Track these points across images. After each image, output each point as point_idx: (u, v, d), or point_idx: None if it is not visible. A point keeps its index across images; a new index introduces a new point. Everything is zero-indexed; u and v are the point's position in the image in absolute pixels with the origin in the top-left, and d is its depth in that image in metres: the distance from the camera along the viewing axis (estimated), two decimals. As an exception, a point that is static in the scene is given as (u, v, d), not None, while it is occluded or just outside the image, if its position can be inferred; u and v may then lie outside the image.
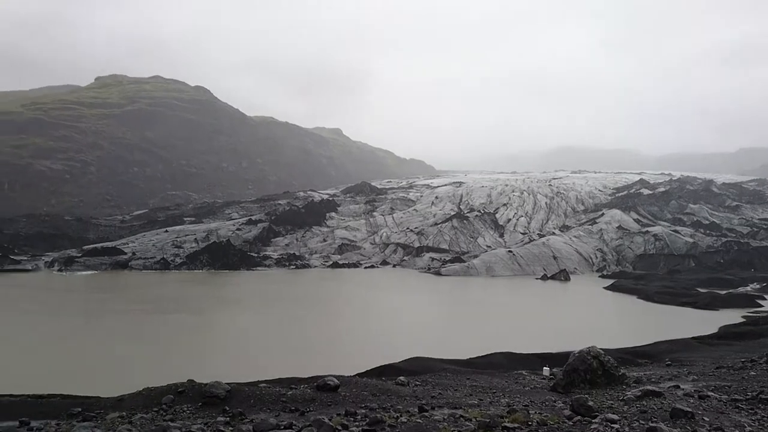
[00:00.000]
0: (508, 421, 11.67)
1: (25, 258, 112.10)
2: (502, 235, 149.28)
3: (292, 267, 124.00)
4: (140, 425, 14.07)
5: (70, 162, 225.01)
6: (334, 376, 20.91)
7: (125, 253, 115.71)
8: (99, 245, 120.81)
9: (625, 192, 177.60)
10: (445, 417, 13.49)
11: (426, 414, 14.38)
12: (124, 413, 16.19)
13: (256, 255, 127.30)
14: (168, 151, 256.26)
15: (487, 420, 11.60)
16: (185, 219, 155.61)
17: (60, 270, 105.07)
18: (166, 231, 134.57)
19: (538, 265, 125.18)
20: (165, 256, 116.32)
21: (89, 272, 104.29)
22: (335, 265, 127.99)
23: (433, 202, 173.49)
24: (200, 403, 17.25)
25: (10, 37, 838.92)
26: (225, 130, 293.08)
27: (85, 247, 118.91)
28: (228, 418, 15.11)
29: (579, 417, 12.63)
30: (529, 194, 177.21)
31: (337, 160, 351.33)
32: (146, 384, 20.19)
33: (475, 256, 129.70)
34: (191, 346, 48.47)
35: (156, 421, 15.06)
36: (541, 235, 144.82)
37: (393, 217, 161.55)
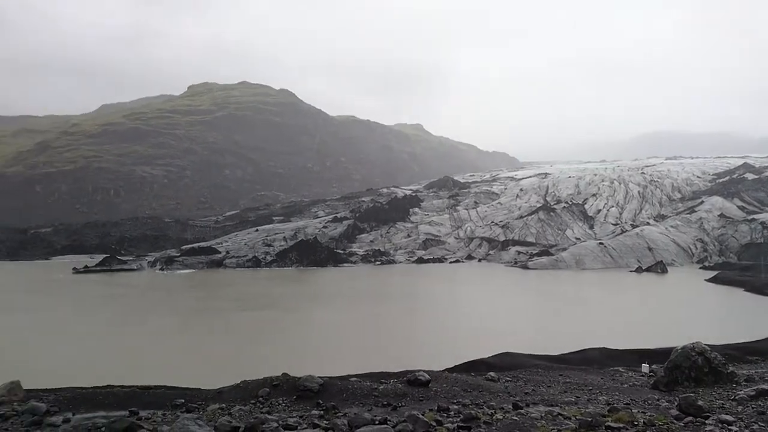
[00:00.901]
0: (612, 421, 11.05)
1: (131, 258, 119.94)
2: (591, 227, 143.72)
3: (377, 263, 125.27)
4: (239, 417, 14.55)
5: (168, 167, 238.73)
6: (425, 371, 20.81)
7: (220, 252, 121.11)
8: (196, 245, 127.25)
9: (727, 177, 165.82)
10: (542, 415, 13.02)
11: (521, 411, 13.95)
12: (224, 405, 16.85)
13: (342, 251, 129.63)
14: (256, 153, 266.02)
15: (589, 419, 11.04)
16: (274, 218, 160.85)
17: (161, 269, 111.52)
18: (257, 230, 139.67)
19: (631, 257, 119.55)
20: (256, 255, 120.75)
21: (188, 271, 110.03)
22: (420, 260, 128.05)
23: (517, 195, 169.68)
24: (294, 397, 17.66)
25: (108, 52, 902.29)
26: (309, 130, 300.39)
27: (184, 247, 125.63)
28: (322, 412, 15.35)
29: (689, 418, 11.80)
30: (620, 183, 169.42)
31: (419, 155, 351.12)
32: (243, 377, 20.92)
33: (564, 249, 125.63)
34: (284, 341, 49.95)
35: (253, 413, 15.55)
36: (634, 226, 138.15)
37: (477, 211, 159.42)
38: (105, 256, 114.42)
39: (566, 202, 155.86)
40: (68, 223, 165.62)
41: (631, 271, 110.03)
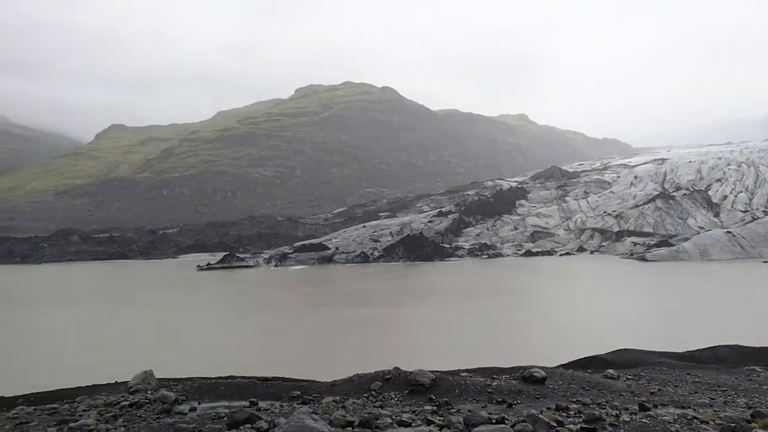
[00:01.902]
0: (759, 427, 9.92)
1: (248, 255, 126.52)
2: (717, 215, 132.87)
3: (484, 256, 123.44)
4: (352, 410, 14.71)
5: (279, 168, 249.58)
6: (539, 368, 20.01)
7: (329, 249, 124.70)
8: (307, 242, 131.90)
9: None
10: (675, 418, 11.98)
11: (650, 413, 12.94)
12: (338, 398, 17.12)
13: (448, 246, 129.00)
14: (361, 150, 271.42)
15: (732, 424, 9.98)
16: (380, 214, 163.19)
17: (276, 265, 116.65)
18: (364, 226, 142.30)
19: (764, 247, 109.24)
20: (364, 250, 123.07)
21: (300, 267, 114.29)
22: (528, 253, 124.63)
23: (632, 183, 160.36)
24: (406, 391, 17.61)
25: (222, 63, 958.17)
26: (412, 126, 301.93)
27: (296, 244, 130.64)
28: (435, 407, 15.16)
29: None
30: (749, 167, 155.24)
31: (524, 146, 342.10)
32: (355, 370, 21.21)
33: (686, 239, 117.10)
34: (393, 336, 50.45)
35: (366, 407, 15.66)
36: (767, 212, 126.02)
37: (587, 201, 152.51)
38: (225, 253, 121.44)
39: (687, 189, 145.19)
40: (192, 223, 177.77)
41: (764, 262, 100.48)
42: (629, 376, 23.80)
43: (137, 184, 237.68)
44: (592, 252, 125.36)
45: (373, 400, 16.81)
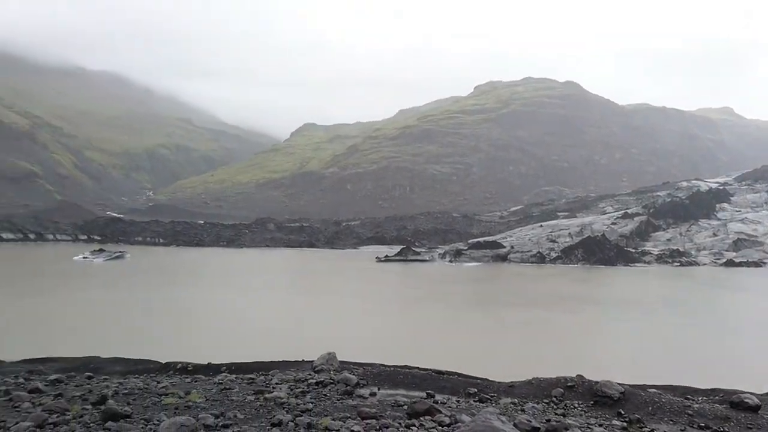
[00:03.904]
0: None
1: (424, 250, 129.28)
2: None
3: (675, 264, 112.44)
4: (532, 415, 14.10)
5: (456, 165, 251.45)
6: (751, 393, 17.48)
7: (504, 247, 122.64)
8: (482, 239, 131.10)
9: None
10: None
11: None
12: (516, 400, 16.59)
13: (633, 250, 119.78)
14: (540, 148, 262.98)
15: None
16: (558, 214, 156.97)
17: (450, 261, 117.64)
18: (541, 225, 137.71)
19: None
20: (540, 250, 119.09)
21: (474, 264, 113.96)
22: (729, 263, 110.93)
23: None
24: (591, 402, 16.48)
25: (402, 61, 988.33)
26: (596, 122, 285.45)
27: (470, 241, 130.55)
28: (625, 423, 13.98)
29: None
30: None
31: (728, 143, 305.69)
32: (531, 373, 20.44)
33: None
34: (572, 342, 48.10)
35: (546, 413, 14.94)
36: None
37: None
38: (402, 247, 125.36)
39: None
40: (372, 216, 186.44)
41: None
42: None
43: (325, 179, 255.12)
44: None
45: (554, 407, 15.99)
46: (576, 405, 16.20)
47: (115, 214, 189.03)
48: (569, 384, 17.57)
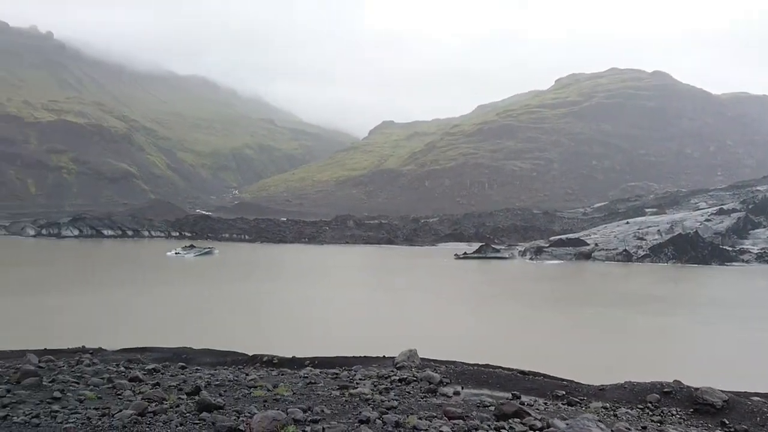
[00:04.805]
0: None
1: (503, 247, 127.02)
2: None
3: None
4: (626, 420, 13.42)
5: (536, 160, 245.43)
6: None
7: (588, 244, 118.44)
8: (564, 236, 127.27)
9: None
10: None
11: None
12: (607, 405, 15.86)
13: (730, 249, 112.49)
14: (626, 141, 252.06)
15: None
16: (646, 210, 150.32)
17: (531, 259, 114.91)
18: (627, 222, 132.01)
19: None
20: (627, 248, 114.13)
21: (556, 262, 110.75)
22: None
23: None
24: (691, 410, 15.49)
25: (479, 56, 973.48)
26: (687, 113, 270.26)
27: (552, 238, 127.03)
28: (730, 434, 13.03)
29: None
30: None
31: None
32: (622, 377, 19.56)
33: None
34: (664, 344, 45.77)
35: (642, 420, 14.19)
36: None
37: None
38: (481, 244, 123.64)
39: None
40: (450, 213, 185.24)
41: None
42: None
43: (402, 176, 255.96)
44: None
45: (650, 413, 15.14)
46: (674, 412, 15.26)
47: (204, 212, 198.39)
48: (666, 389, 16.61)
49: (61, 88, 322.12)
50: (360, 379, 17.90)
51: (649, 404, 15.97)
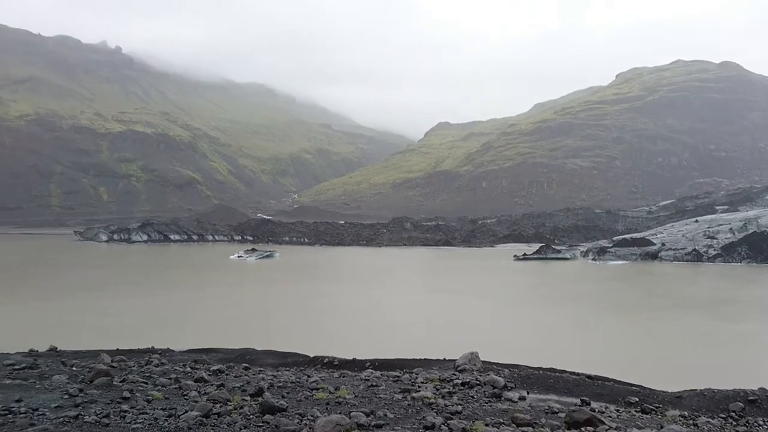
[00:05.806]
0: None
1: (564, 248, 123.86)
2: None
3: None
4: (709, 431, 12.57)
5: (597, 158, 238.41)
6: None
7: (654, 244, 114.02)
8: (628, 236, 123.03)
9: None
10: None
11: None
12: (686, 413, 14.94)
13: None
14: (693, 136, 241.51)
15: None
16: (717, 207, 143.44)
17: (594, 259, 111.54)
18: (696, 221, 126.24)
19: None
20: (696, 248, 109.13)
21: (620, 262, 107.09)
22: None
23: None
24: (780, 420, 14.42)
25: (535, 53, 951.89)
26: (760, 104, 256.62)
27: (615, 238, 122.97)
28: (828, 448, 12.00)
29: None
30: None
31: None
32: (697, 384, 18.50)
33: None
34: (740, 350, 43.32)
35: (725, 430, 13.28)
36: None
37: None
38: (541, 245, 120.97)
39: None
40: (508, 214, 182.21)
41: None
42: None
43: (459, 177, 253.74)
44: None
45: (734, 423, 14.14)
46: (761, 423, 14.19)
47: (264, 216, 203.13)
48: (750, 398, 15.52)
49: (129, 99, 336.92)
50: (422, 382, 17.59)
51: (733, 413, 14.93)
